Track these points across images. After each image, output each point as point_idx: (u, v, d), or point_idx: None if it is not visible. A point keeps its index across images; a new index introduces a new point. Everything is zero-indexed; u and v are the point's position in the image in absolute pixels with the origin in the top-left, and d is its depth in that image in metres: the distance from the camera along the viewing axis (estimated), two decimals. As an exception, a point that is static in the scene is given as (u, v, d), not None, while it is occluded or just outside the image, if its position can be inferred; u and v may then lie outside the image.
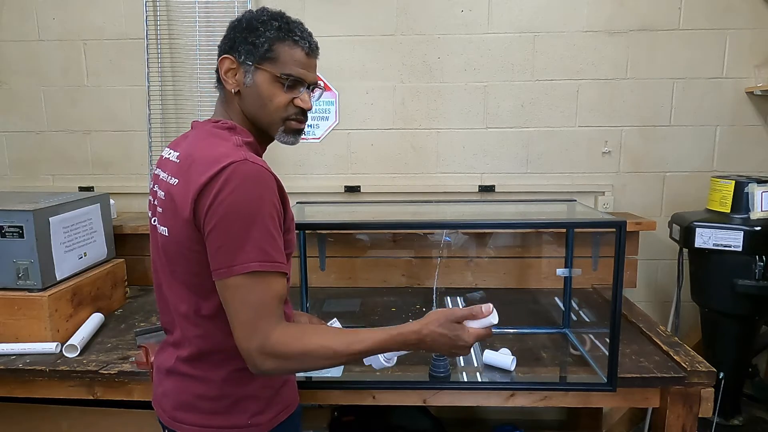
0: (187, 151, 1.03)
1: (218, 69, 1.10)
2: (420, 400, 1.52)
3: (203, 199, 0.95)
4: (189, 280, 1.04)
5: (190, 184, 0.97)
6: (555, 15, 2.27)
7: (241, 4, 2.27)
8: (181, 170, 1.01)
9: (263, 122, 1.10)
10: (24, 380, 1.56)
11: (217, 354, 1.07)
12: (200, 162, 0.98)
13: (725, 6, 2.22)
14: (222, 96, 1.13)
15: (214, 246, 0.95)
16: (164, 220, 1.03)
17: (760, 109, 2.29)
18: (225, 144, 1.01)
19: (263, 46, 1.05)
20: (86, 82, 2.41)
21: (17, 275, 1.63)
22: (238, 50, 1.07)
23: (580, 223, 1.85)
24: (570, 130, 2.34)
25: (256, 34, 1.06)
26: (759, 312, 1.94)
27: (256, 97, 1.07)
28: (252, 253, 0.93)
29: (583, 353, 1.66)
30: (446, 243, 2.28)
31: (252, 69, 1.06)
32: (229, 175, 0.94)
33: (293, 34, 1.07)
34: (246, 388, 1.08)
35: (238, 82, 1.08)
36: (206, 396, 1.07)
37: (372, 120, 2.37)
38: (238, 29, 1.08)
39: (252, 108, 1.09)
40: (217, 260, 0.95)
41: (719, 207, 1.99)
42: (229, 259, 0.93)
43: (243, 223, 0.93)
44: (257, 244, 0.94)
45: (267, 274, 0.95)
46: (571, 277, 1.83)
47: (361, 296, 2.17)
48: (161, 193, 1.05)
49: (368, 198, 2.39)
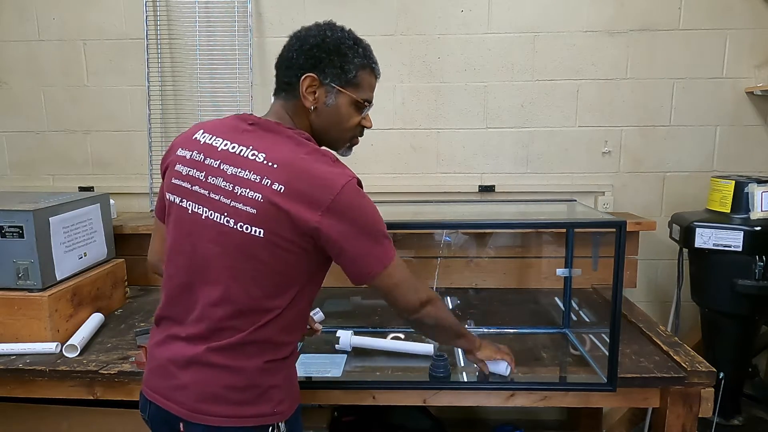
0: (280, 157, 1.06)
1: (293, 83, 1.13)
2: (420, 400, 1.52)
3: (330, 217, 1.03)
4: (266, 278, 1.07)
5: (308, 198, 1.03)
6: (555, 15, 2.27)
7: (241, 5, 2.27)
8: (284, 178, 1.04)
9: (332, 138, 1.19)
10: (24, 380, 1.56)
11: (255, 345, 1.09)
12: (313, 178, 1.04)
13: (725, 6, 2.22)
14: (289, 106, 1.16)
15: (362, 252, 1.09)
16: (261, 222, 1.04)
17: (760, 109, 2.29)
18: (324, 159, 1.08)
19: (351, 72, 1.13)
20: (86, 82, 2.41)
21: (17, 275, 1.63)
22: (324, 71, 1.12)
23: (580, 223, 1.85)
24: (570, 130, 2.34)
25: (345, 60, 1.13)
26: (759, 312, 1.94)
27: (334, 117, 1.15)
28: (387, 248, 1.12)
29: (583, 353, 1.66)
30: (446, 243, 2.28)
31: (335, 91, 1.13)
32: (350, 194, 1.05)
33: (372, 61, 1.18)
34: (274, 377, 1.12)
35: (317, 100, 1.13)
36: (236, 386, 1.08)
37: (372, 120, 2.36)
38: (325, 50, 1.12)
39: (326, 125, 1.16)
40: (371, 260, 1.10)
41: (719, 207, 1.99)
42: (382, 256, 1.11)
43: (374, 230, 1.10)
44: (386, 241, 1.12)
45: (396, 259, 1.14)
46: (571, 277, 1.83)
47: (361, 296, 2.17)
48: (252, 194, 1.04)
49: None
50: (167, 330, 1.15)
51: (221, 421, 1.08)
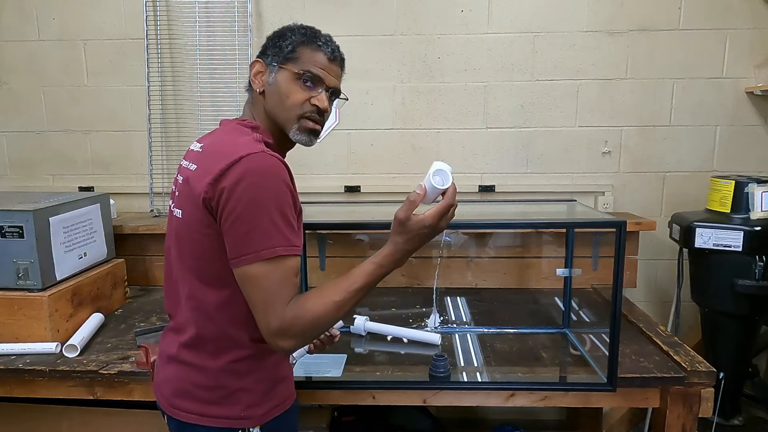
0: (210, 141, 1.11)
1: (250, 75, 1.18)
2: (420, 400, 1.52)
3: (220, 185, 0.98)
4: (194, 264, 1.08)
5: (207, 170, 1.01)
6: (555, 15, 2.27)
7: (241, 5, 2.27)
8: (201, 158, 1.07)
9: (280, 118, 1.14)
10: (24, 380, 1.56)
11: (214, 342, 1.09)
12: (220, 152, 1.03)
13: (725, 6, 2.22)
14: (250, 98, 1.20)
15: (238, 233, 0.98)
16: (180, 203, 1.09)
17: (760, 109, 2.29)
18: (245, 138, 1.07)
19: (287, 47, 1.13)
20: (86, 82, 2.41)
21: (17, 275, 1.63)
22: (267, 53, 1.16)
23: (580, 223, 1.85)
24: (570, 130, 2.34)
25: (283, 38, 1.15)
26: (759, 312, 1.94)
27: (276, 95, 1.13)
28: (277, 238, 0.98)
29: (583, 353, 1.66)
30: (446, 243, 2.28)
31: (276, 69, 1.13)
32: (249, 165, 0.98)
33: (317, 39, 1.16)
34: (241, 380, 1.10)
35: (263, 83, 1.15)
36: (202, 385, 1.10)
37: (372, 120, 2.37)
38: (271, 37, 1.17)
39: (272, 105, 1.14)
40: (241, 247, 0.99)
41: (719, 207, 1.99)
42: (255, 245, 0.98)
43: (267, 211, 0.98)
44: (280, 230, 0.99)
45: (287, 257, 1.00)
46: (571, 277, 1.83)
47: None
48: (180, 178, 1.11)
49: (368, 198, 2.39)
50: (169, 324, 1.21)
51: (190, 417, 1.10)
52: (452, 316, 1.98)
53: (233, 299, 1.06)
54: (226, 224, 0.99)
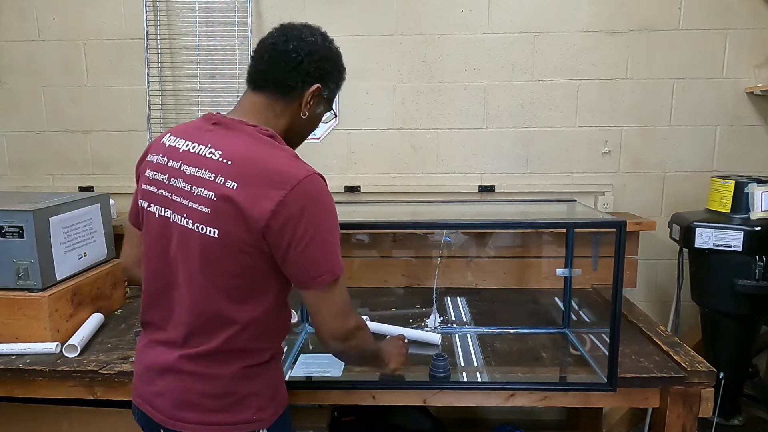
0: (236, 153, 1.03)
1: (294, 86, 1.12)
2: (420, 400, 1.52)
3: (284, 212, 0.99)
4: (228, 282, 1.05)
5: (261, 193, 0.99)
6: (555, 15, 2.27)
7: (241, 5, 2.27)
8: (238, 174, 1.00)
9: (300, 140, 1.21)
10: (24, 380, 1.55)
11: (233, 353, 1.08)
12: (268, 172, 1.01)
13: (725, 6, 2.22)
14: (273, 105, 1.12)
15: (309, 258, 1.02)
16: (215, 222, 1.01)
17: (760, 109, 2.29)
18: (283, 154, 1.05)
19: (339, 89, 1.23)
20: (86, 82, 2.41)
21: (17, 275, 1.63)
22: (327, 85, 1.17)
23: (580, 223, 1.85)
24: (570, 130, 2.34)
25: (340, 78, 1.22)
26: (759, 312, 1.94)
27: (313, 123, 1.20)
28: (339, 261, 1.07)
29: (583, 353, 1.66)
30: (446, 243, 2.28)
31: (324, 102, 1.19)
32: (309, 190, 1.01)
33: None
34: (252, 384, 1.10)
35: (311, 107, 1.15)
36: (211, 394, 1.08)
37: (372, 120, 2.37)
38: (333, 65, 1.18)
39: (303, 129, 1.19)
40: (315, 269, 1.04)
41: (719, 207, 1.99)
42: (328, 266, 1.05)
43: (334, 231, 1.06)
44: (339, 253, 1.08)
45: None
46: (571, 277, 1.83)
47: (361, 296, 2.17)
48: (205, 193, 1.02)
49: (368, 198, 2.39)
50: (150, 334, 1.17)
51: (198, 428, 1.08)
52: (452, 316, 1.98)
53: (265, 316, 1.08)
54: (293, 251, 1.01)
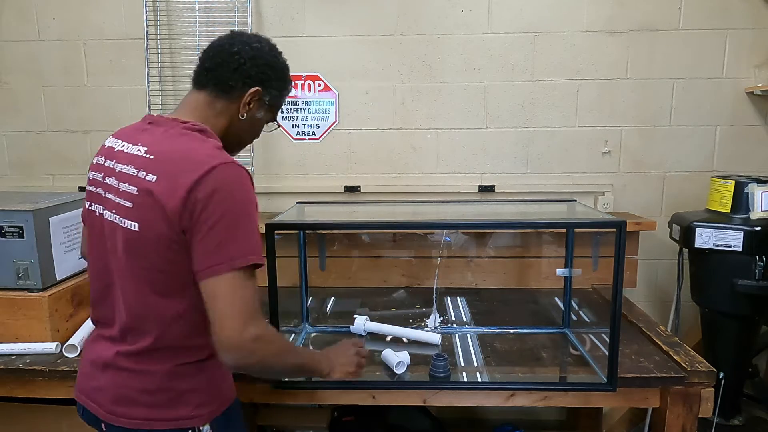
0: (160, 147, 1.06)
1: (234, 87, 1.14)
2: (420, 400, 1.52)
3: (193, 197, 0.97)
4: (153, 277, 1.05)
5: (176, 181, 0.99)
6: (555, 15, 2.27)
7: (241, 5, 2.27)
8: (159, 167, 1.02)
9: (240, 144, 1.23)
10: (24, 380, 1.55)
11: (165, 350, 1.09)
12: (184, 160, 1.01)
13: (725, 6, 2.22)
14: (214, 104, 1.16)
15: (211, 244, 0.98)
16: (136, 215, 1.03)
17: (760, 109, 2.29)
18: (204, 145, 1.06)
19: (282, 97, 1.24)
20: (86, 82, 2.41)
21: (17, 275, 1.63)
22: (269, 90, 1.18)
23: (580, 223, 1.85)
24: (570, 130, 2.34)
25: (284, 86, 1.22)
26: (759, 312, 1.94)
27: (254, 128, 1.23)
28: (250, 246, 1.00)
29: (583, 353, 1.66)
30: (446, 243, 2.28)
31: (266, 107, 1.21)
32: (223, 176, 0.99)
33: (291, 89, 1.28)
34: (189, 381, 1.10)
35: (250, 111, 1.17)
36: (148, 390, 1.08)
37: (372, 120, 2.37)
38: (275, 71, 1.19)
39: (244, 133, 1.21)
40: (213, 257, 0.98)
41: (719, 207, 1.99)
42: (230, 253, 0.98)
43: (241, 220, 1.00)
44: (253, 239, 1.01)
45: (255, 268, 1.02)
46: (571, 277, 1.83)
47: (361, 296, 2.17)
48: (129, 188, 1.04)
49: (368, 198, 2.39)
50: (98, 330, 1.19)
51: (138, 423, 1.09)
52: (452, 316, 1.98)
53: (193, 311, 1.06)
54: (198, 235, 0.98)
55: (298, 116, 2.37)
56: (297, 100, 2.36)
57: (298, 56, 2.31)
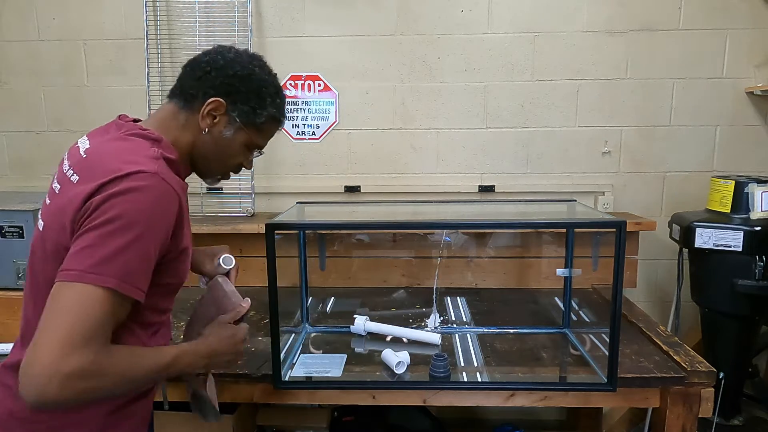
0: (98, 148, 0.96)
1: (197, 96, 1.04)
2: (420, 400, 1.52)
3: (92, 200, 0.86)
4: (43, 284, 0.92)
5: (86, 185, 0.88)
6: (555, 15, 2.27)
7: (241, 5, 2.27)
8: (84, 168, 0.92)
9: (211, 168, 1.11)
10: (24, 380, 1.55)
11: None
12: (104, 164, 0.89)
13: (725, 6, 2.22)
14: (178, 115, 1.06)
15: (80, 245, 0.84)
16: (45, 213, 0.95)
17: (760, 109, 2.29)
18: (138, 153, 0.93)
19: (261, 117, 1.07)
20: (86, 82, 2.41)
21: (17, 275, 1.64)
22: (235, 103, 1.05)
23: (580, 223, 1.85)
24: (570, 130, 2.34)
25: (261, 104, 1.07)
26: (759, 312, 1.94)
27: (223, 149, 1.08)
28: (114, 268, 0.83)
29: (583, 353, 1.66)
30: (446, 243, 2.28)
31: (236, 126, 1.07)
32: (131, 185, 0.86)
33: (283, 116, 1.13)
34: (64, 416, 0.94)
35: (214, 126, 1.06)
36: (16, 416, 0.93)
37: (372, 120, 2.37)
38: (246, 85, 1.05)
39: (211, 152, 1.08)
40: (75, 260, 0.83)
41: (719, 207, 1.99)
42: (91, 263, 0.82)
43: (126, 234, 0.84)
44: (127, 263, 0.84)
45: (119, 296, 0.85)
46: (571, 277, 1.83)
47: (361, 296, 2.17)
48: (56, 185, 0.96)
49: (368, 198, 2.39)
50: None
51: None
52: (452, 316, 1.98)
53: None
54: (79, 234, 0.85)
55: (298, 116, 2.37)
56: (297, 100, 2.36)
57: (298, 56, 2.32)
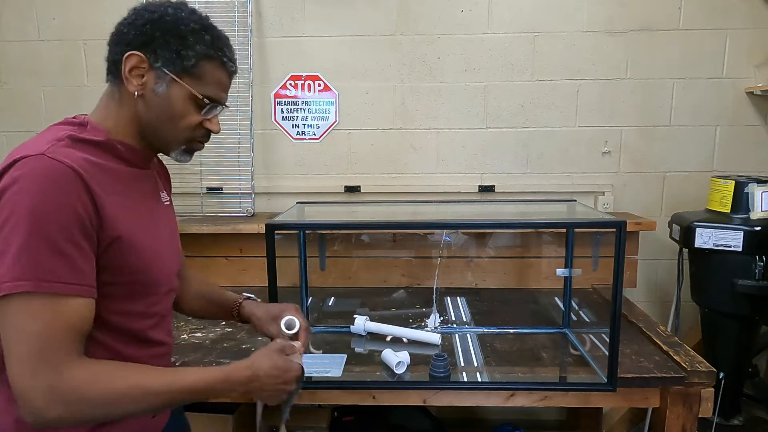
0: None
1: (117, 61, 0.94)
2: (420, 400, 1.52)
3: None
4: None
5: None
6: (555, 15, 2.27)
7: (241, 5, 2.27)
8: None
9: (163, 136, 0.98)
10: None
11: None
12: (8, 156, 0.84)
13: (725, 6, 2.22)
14: (114, 93, 0.97)
15: None
16: None
17: (760, 109, 2.29)
18: (44, 139, 0.86)
19: (189, 59, 0.93)
20: (86, 82, 2.41)
21: (17, 275, 1.63)
22: (156, 52, 0.92)
23: (580, 223, 1.85)
24: (570, 130, 2.34)
25: (184, 43, 0.92)
26: (759, 312, 1.94)
27: (165, 110, 0.95)
28: (20, 269, 0.77)
29: (583, 353, 1.66)
30: (446, 243, 2.28)
31: (168, 79, 0.93)
32: (17, 173, 0.80)
33: (223, 54, 0.97)
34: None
35: (144, 86, 0.93)
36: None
37: (372, 120, 2.37)
38: (159, 27, 0.92)
39: (155, 119, 0.96)
40: None
41: (719, 207, 1.99)
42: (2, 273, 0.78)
43: (16, 230, 0.77)
44: (32, 258, 0.77)
45: (52, 296, 0.79)
46: (571, 277, 1.83)
47: (361, 296, 2.17)
48: None
49: (368, 198, 2.39)
50: None
51: None
52: (452, 316, 1.98)
53: None
54: None
55: (298, 116, 2.37)
56: (297, 100, 2.36)
57: (298, 56, 2.32)
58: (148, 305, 0.98)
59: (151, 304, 0.98)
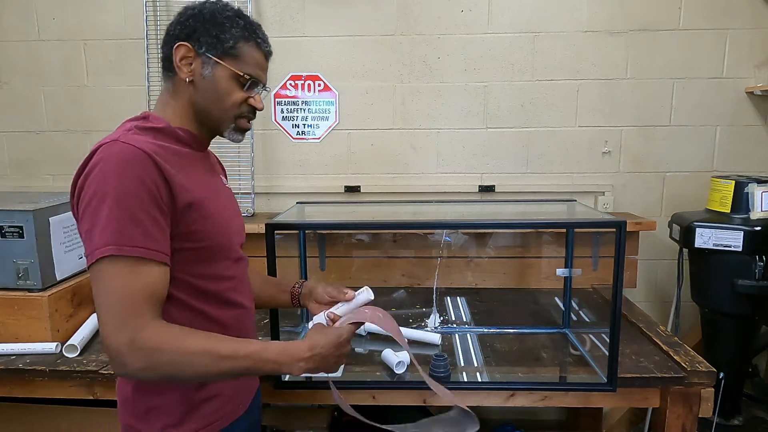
0: None
1: (169, 56, 1.06)
2: (420, 400, 1.52)
3: (78, 183, 0.96)
4: None
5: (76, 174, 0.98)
6: (555, 15, 2.27)
7: (241, 5, 2.26)
8: None
9: (214, 116, 1.09)
10: (24, 380, 1.56)
11: None
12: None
13: (725, 6, 2.22)
14: (169, 86, 1.10)
15: (83, 231, 0.94)
16: None
17: (760, 109, 2.29)
18: (118, 131, 1.02)
19: (228, 42, 1.05)
20: (86, 82, 2.41)
21: (17, 275, 1.63)
22: (199, 40, 1.04)
23: (580, 223, 1.85)
24: (570, 130, 2.34)
25: (221, 29, 1.05)
26: (759, 312, 1.94)
27: (212, 91, 1.06)
28: (108, 236, 0.89)
29: (583, 353, 1.66)
30: (446, 243, 2.28)
31: (212, 62, 1.05)
32: (99, 157, 0.94)
33: (257, 36, 1.09)
34: (155, 398, 1.04)
35: (193, 72, 1.06)
36: (126, 399, 1.07)
37: (372, 120, 2.37)
38: (200, 19, 1.05)
39: (205, 101, 1.07)
40: (86, 246, 0.93)
41: (719, 207, 1.99)
42: (91, 244, 0.91)
43: (102, 204, 0.90)
44: (116, 227, 0.89)
45: (133, 260, 0.90)
46: (571, 277, 1.83)
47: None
48: None
49: (368, 198, 2.39)
50: None
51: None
52: (452, 316, 1.98)
53: None
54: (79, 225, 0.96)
55: (298, 116, 2.37)
56: (297, 100, 2.36)
57: (298, 56, 2.32)
58: (222, 269, 1.08)
59: (225, 268, 1.09)
